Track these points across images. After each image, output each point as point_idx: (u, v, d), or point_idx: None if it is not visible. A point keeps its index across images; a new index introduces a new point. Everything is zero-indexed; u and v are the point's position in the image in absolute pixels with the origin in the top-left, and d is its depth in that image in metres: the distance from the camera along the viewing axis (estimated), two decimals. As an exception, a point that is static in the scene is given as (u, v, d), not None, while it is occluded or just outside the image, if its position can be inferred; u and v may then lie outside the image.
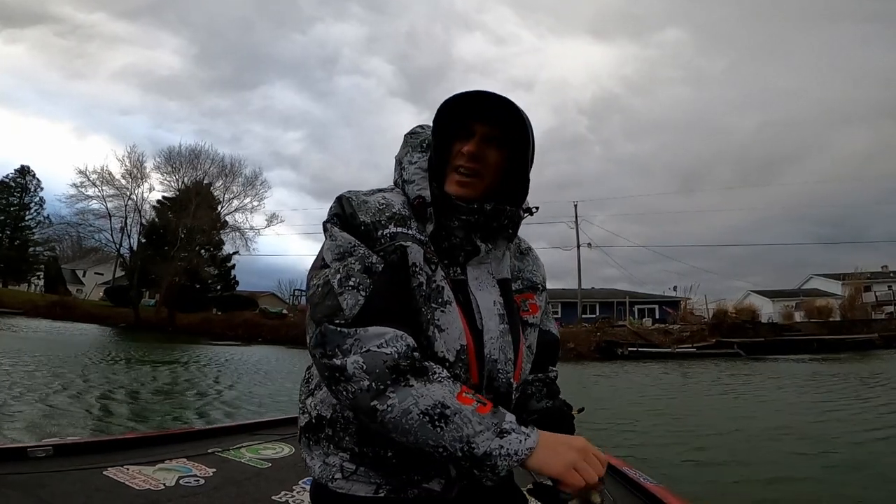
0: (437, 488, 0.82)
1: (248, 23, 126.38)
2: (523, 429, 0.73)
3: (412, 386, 0.72)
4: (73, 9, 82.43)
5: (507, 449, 0.71)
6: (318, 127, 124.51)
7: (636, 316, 35.50)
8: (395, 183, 0.96)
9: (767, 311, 33.71)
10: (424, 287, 0.81)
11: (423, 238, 0.85)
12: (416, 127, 1.00)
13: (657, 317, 36.05)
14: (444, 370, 0.76)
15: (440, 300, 0.82)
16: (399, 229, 0.84)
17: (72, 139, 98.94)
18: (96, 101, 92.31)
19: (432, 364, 0.76)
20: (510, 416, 0.74)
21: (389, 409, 0.71)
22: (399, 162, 0.96)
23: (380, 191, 0.91)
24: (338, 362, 0.73)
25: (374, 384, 0.71)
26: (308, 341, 0.78)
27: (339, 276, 0.78)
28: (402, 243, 0.82)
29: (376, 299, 0.77)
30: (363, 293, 0.76)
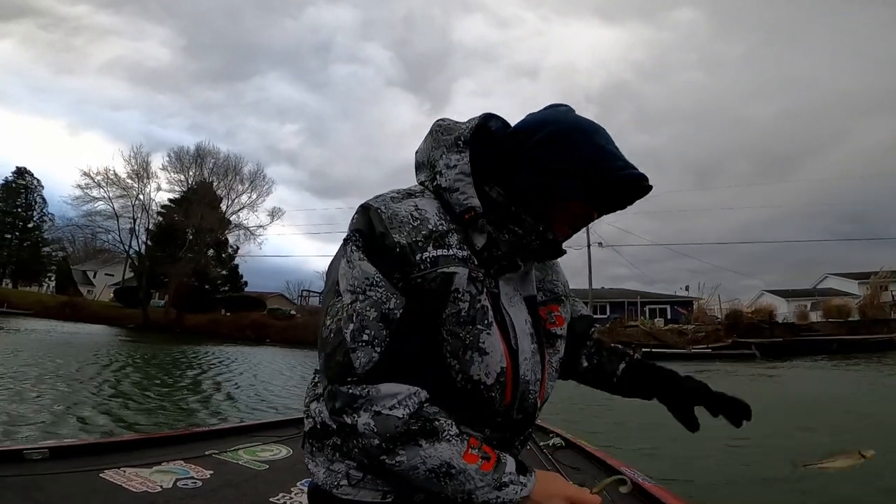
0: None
1: (235, 9, 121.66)
2: (521, 478, 0.76)
3: (421, 446, 0.72)
4: (56, 0, 79.41)
5: (503, 499, 0.74)
6: (315, 120, 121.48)
7: (647, 316, 35.16)
8: (424, 186, 0.86)
9: (782, 310, 33.13)
10: (466, 311, 0.77)
11: (465, 254, 0.79)
12: (440, 120, 0.89)
13: (669, 317, 35.72)
14: (454, 427, 0.74)
15: (486, 321, 0.78)
16: (440, 251, 0.76)
17: (66, 136, 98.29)
18: (87, 95, 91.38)
19: (443, 422, 0.74)
20: (510, 466, 0.76)
21: (398, 464, 0.73)
22: (431, 164, 0.86)
23: (409, 195, 0.82)
24: (348, 421, 0.72)
25: (384, 444, 0.72)
26: (323, 393, 0.78)
27: (352, 326, 0.72)
28: (445, 270, 0.75)
29: (392, 353, 0.73)
30: (377, 349, 0.72)
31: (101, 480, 1.96)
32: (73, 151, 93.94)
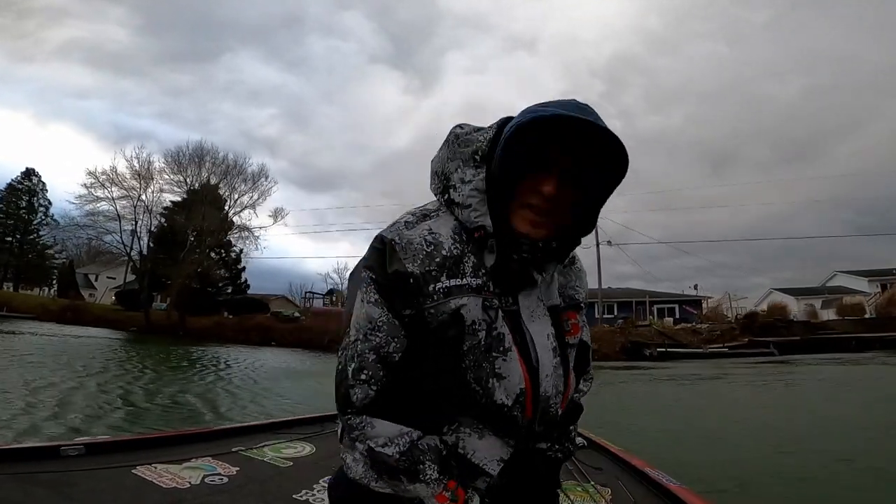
0: (481, 486, 0.82)
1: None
2: None
3: (402, 482, 0.79)
4: (-1, -19, 65.93)
5: None
6: (295, 103, 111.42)
7: (655, 315, 34.77)
8: (437, 196, 0.87)
9: (791, 309, 32.77)
10: (483, 340, 0.79)
11: (480, 282, 0.80)
12: (457, 128, 0.87)
13: (677, 316, 35.34)
14: (435, 471, 0.79)
15: (501, 348, 0.80)
16: (453, 282, 0.79)
17: (34, 128, 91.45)
18: (48, 84, 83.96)
19: (426, 465, 0.79)
20: None
21: (379, 487, 0.81)
22: (445, 175, 0.86)
23: (424, 217, 0.84)
24: (347, 457, 0.82)
25: (369, 476, 0.81)
26: None
27: (353, 365, 0.80)
28: (458, 302, 0.78)
29: (388, 391, 0.79)
30: (374, 388, 0.78)
31: (133, 476, 2.00)
32: (43, 144, 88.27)
